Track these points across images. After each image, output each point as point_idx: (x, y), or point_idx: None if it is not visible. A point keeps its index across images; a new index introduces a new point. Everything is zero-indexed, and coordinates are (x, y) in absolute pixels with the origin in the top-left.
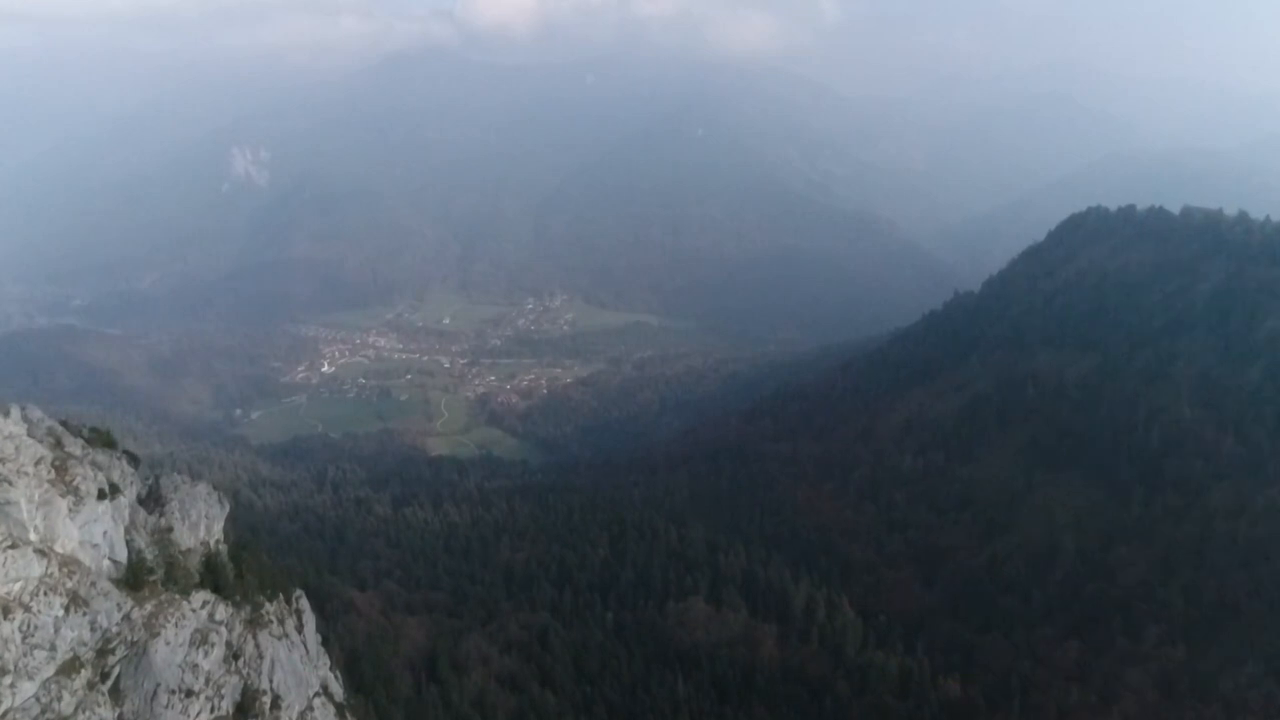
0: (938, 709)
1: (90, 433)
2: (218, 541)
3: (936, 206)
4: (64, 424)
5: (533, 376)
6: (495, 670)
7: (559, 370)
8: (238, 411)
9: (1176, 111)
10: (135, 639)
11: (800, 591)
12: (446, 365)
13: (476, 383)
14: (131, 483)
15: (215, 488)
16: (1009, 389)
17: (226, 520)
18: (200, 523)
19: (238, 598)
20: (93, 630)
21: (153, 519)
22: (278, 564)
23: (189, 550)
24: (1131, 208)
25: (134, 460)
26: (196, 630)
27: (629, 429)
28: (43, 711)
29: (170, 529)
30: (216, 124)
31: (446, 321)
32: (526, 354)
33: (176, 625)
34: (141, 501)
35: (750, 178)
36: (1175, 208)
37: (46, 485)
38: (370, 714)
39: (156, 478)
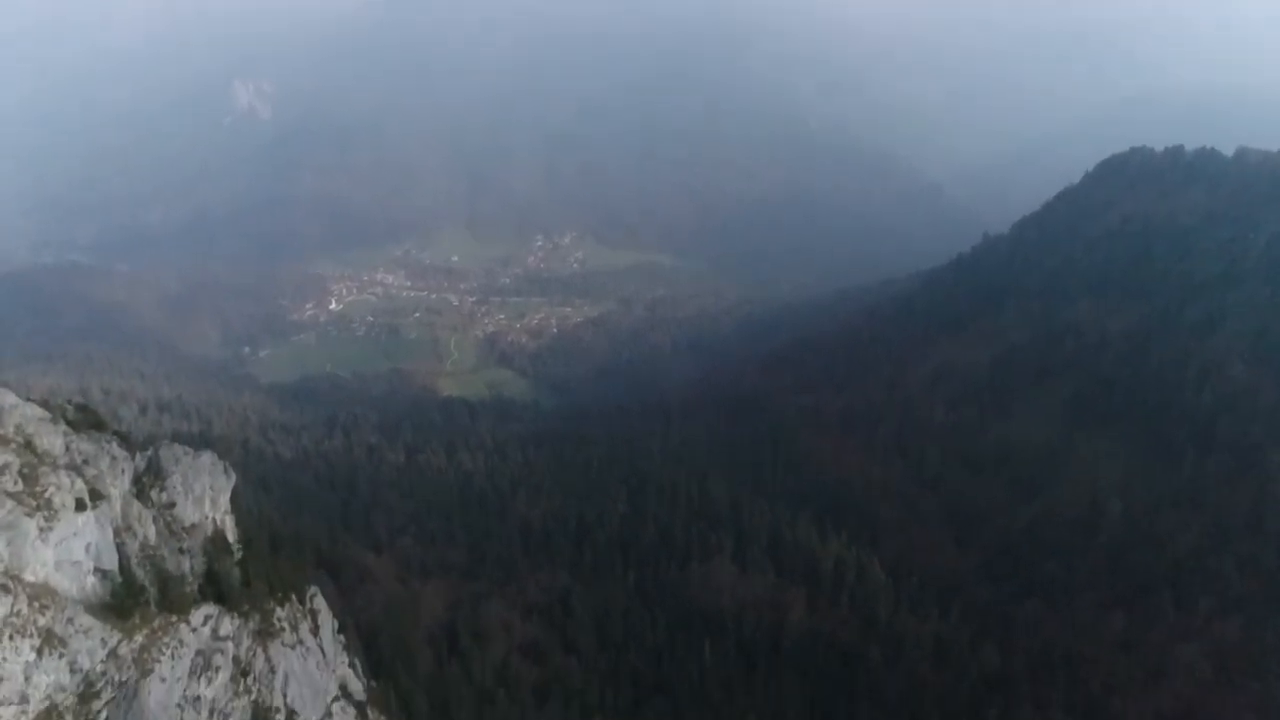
0: (975, 679)
1: (76, 413)
2: (225, 514)
3: (954, 144)
4: (45, 404)
5: (542, 316)
6: (517, 639)
7: (569, 310)
8: (246, 350)
9: (1201, 44)
10: (124, 679)
11: (829, 552)
12: (455, 303)
13: (486, 321)
14: (124, 470)
15: (220, 458)
16: (1047, 341)
17: (235, 485)
18: (205, 496)
19: (245, 607)
20: (72, 673)
21: (151, 500)
22: (291, 529)
23: (193, 526)
24: (1180, 148)
25: (126, 442)
26: (198, 653)
27: (641, 371)
28: None
29: (173, 504)
30: (218, 56)
31: (455, 259)
32: (536, 293)
33: (173, 656)
34: (140, 478)
35: (765, 114)
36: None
37: (11, 504)
38: (391, 701)
39: (156, 450)
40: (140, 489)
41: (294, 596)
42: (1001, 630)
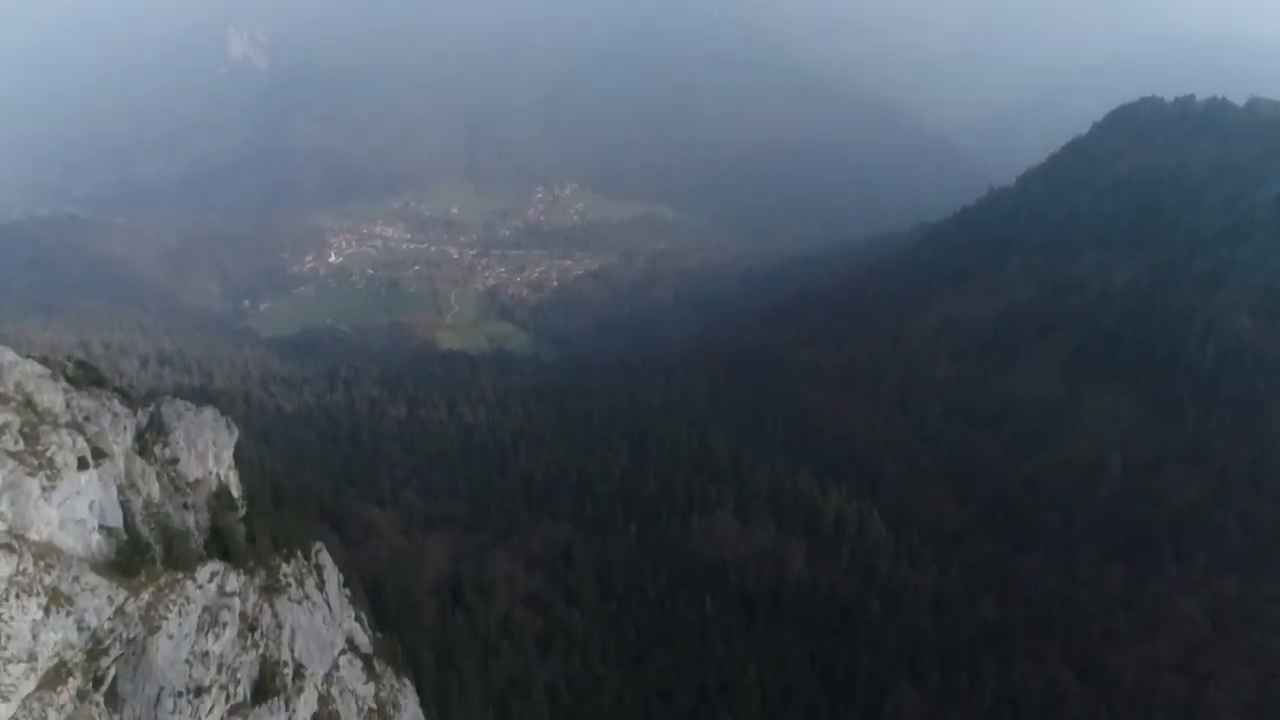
0: (973, 631)
1: (76, 370)
2: (228, 469)
3: (960, 92)
4: (45, 361)
5: (542, 269)
6: (520, 591)
7: (569, 262)
8: (246, 303)
9: None
10: (132, 636)
11: (830, 506)
12: (455, 256)
13: (486, 274)
14: (126, 427)
15: (222, 413)
16: (1051, 295)
17: (237, 440)
18: (208, 452)
19: (251, 563)
20: (80, 631)
21: (154, 457)
22: (294, 483)
23: (197, 482)
24: (1190, 98)
25: (127, 398)
26: (205, 609)
27: (642, 324)
28: None
29: (176, 460)
30: (211, 3)
31: (454, 211)
32: (536, 245)
33: (180, 613)
34: (142, 434)
35: (768, 63)
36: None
37: (13, 464)
38: (398, 654)
39: (158, 406)
40: (143, 445)
41: (299, 552)
42: (999, 582)
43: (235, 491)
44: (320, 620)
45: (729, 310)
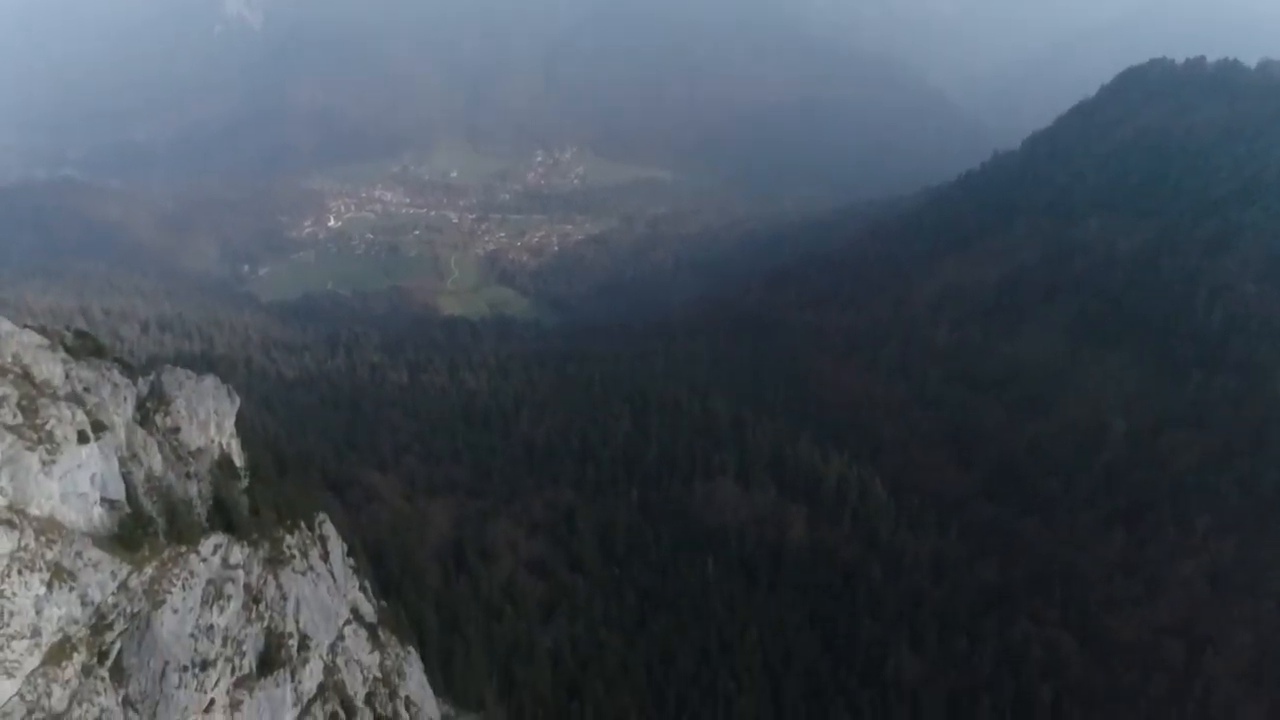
0: (974, 595)
1: (75, 340)
2: (230, 438)
3: (965, 53)
4: (43, 331)
5: (543, 233)
6: (523, 556)
7: (569, 227)
8: (245, 267)
9: None
10: (136, 610)
11: (831, 471)
12: (455, 220)
13: (486, 239)
14: (127, 397)
15: (224, 380)
16: (1055, 259)
17: (239, 407)
18: (210, 421)
19: (254, 535)
20: (84, 606)
21: (156, 426)
22: (296, 449)
23: (199, 450)
24: (1201, 60)
25: (127, 368)
26: (209, 583)
27: (643, 289)
28: (30, 712)
29: (177, 429)
30: None
31: (453, 174)
32: (536, 209)
33: (184, 587)
34: (143, 403)
35: (771, 21)
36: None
37: (12, 438)
38: (402, 622)
39: (159, 375)
40: (144, 415)
41: (303, 523)
42: (1000, 547)
43: (238, 461)
44: (325, 591)
45: (730, 274)
